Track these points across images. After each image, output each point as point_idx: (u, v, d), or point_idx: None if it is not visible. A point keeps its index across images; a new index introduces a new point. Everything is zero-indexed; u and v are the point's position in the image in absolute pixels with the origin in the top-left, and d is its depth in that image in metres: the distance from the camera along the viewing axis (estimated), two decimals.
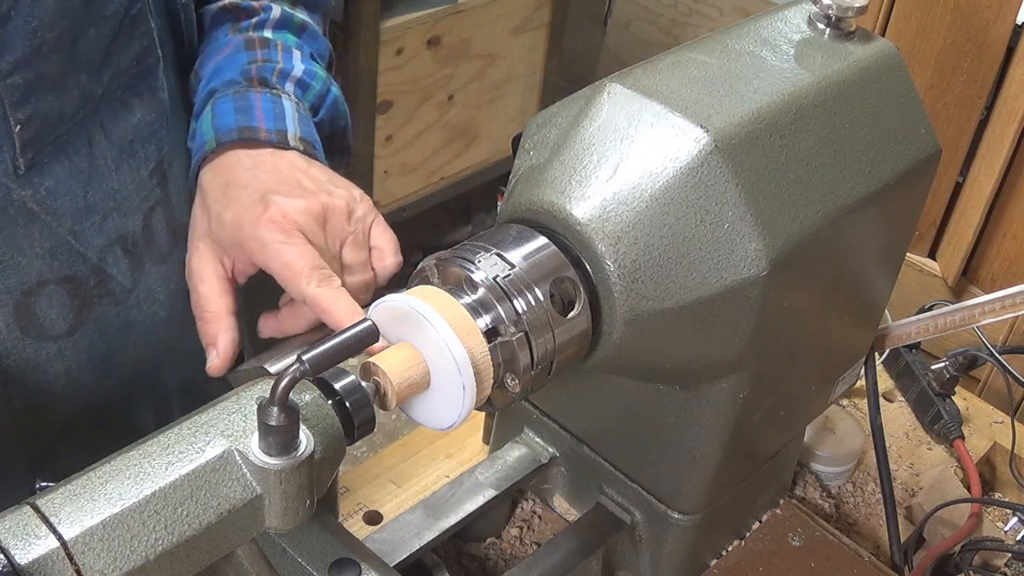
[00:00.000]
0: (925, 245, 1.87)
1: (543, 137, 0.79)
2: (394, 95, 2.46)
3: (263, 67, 0.93)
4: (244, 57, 0.94)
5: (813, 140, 0.77)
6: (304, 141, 0.88)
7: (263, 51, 0.95)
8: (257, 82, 0.91)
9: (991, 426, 1.27)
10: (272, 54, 0.95)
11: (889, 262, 0.93)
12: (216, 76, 0.93)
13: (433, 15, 2.44)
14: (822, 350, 0.92)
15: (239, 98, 0.90)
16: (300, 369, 0.57)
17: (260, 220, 0.79)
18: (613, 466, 0.93)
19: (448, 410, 0.68)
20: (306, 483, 0.61)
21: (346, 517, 1.05)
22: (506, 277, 0.69)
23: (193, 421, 0.63)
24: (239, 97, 0.90)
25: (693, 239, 0.71)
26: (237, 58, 0.94)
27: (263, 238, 0.78)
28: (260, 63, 0.93)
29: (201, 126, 0.89)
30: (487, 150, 2.81)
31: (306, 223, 0.79)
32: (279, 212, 0.79)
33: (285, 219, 0.79)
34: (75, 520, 0.56)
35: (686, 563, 0.93)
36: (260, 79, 0.92)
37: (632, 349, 0.74)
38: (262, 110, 0.89)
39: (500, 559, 1.02)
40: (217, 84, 0.92)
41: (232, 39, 0.97)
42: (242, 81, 0.91)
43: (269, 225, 0.78)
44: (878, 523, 1.11)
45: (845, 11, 0.84)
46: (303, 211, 0.79)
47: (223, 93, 0.90)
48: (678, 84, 0.76)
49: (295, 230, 0.78)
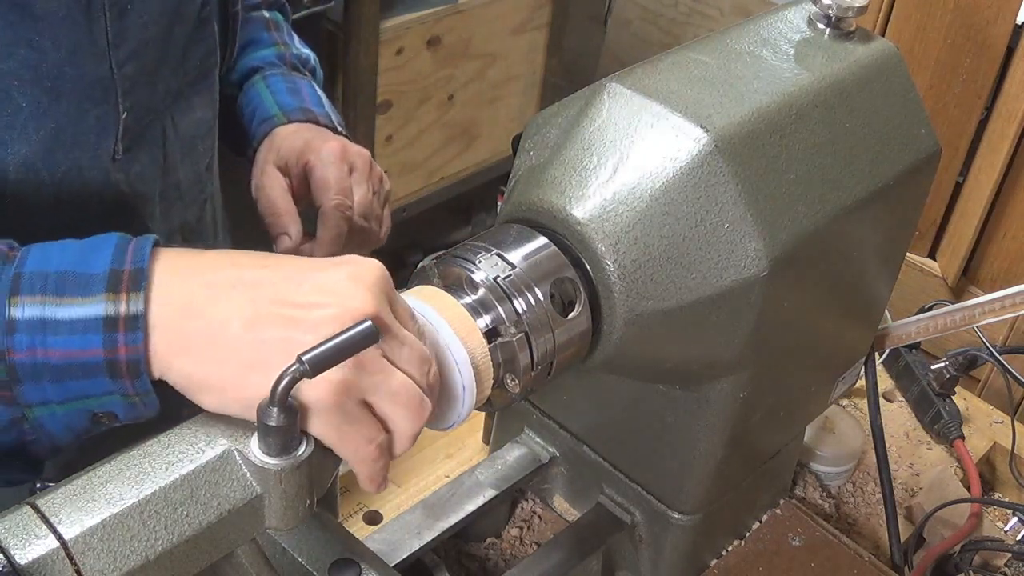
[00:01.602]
0: (925, 245, 1.87)
1: (543, 137, 0.79)
2: (394, 95, 2.45)
3: (290, 53, 1.08)
4: (267, 37, 1.07)
5: (813, 140, 0.77)
6: (342, 126, 1.04)
7: (278, 33, 1.09)
8: (291, 67, 1.06)
9: (991, 426, 1.27)
10: (285, 37, 1.09)
11: (889, 262, 0.93)
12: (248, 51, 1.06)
13: (433, 15, 2.44)
14: (822, 350, 0.92)
15: (288, 80, 1.05)
16: (299, 369, 0.57)
17: (328, 142, 0.98)
18: (613, 466, 0.93)
19: (448, 411, 0.68)
20: (306, 483, 0.61)
21: (346, 517, 1.05)
22: (506, 277, 0.69)
23: (193, 421, 0.63)
24: (288, 79, 1.05)
25: (693, 239, 0.71)
26: (261, 36, 1.08)
27: (323, 154, 0.97)
28: (284, 47, 1.08)
29: (263, 102, 1.03)
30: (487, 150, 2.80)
31: (361, 165, 0.99)
32: (341, 145, 0.98)
33: (345, 151, 0.98)
34: (75, 520, 0.56)
35: (686, 563, 0.93)
36: (292, 65, 1.07)
37: (632, 349, 0.74)
38: (308, 95, 1.05)
39: (500, 559, 1.02)
40: (257, 62, 1.06)
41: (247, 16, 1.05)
42: (281, 64, 1.06)
43: (333, 146, 0.98)
44: (878, 523, 1.11)
45: (845, 11, 0.84)
46: (359, 154, 0.99)
47: (272, 72, 1.05)
48: (678, 84, 0.76)
49: (346, 163, 0.98)
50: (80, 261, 0.60)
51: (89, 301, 0.59)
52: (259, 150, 1.01)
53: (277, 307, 0.59)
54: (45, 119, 0.77)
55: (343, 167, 0.98)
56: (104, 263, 0.60)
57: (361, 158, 1.00)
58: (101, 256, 0.60)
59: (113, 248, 0.61)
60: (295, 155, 0.99)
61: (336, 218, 0.96)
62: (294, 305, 0.59)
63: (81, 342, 0.58)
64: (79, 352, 0.59)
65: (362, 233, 0.99)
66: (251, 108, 1.04)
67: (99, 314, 0.58)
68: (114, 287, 0.59)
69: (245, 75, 1.06)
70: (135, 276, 0.59)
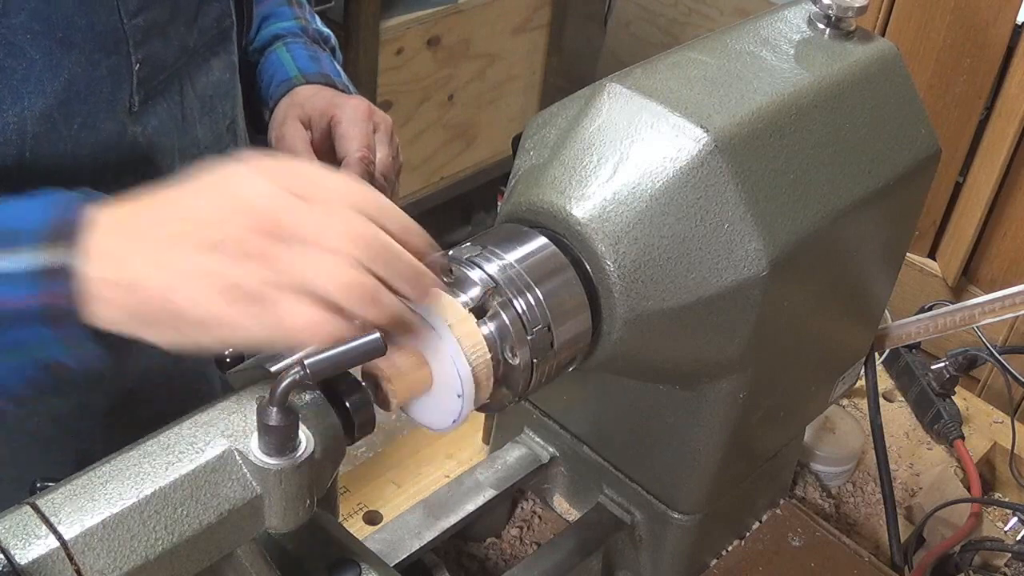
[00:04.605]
0: (925, 245, 1.87)
1: (543, 137, 0.79)
2: (394, 95, 2.45)
3: (311, 28, 1.09)
4: (288, 11, 1.09)
5: (813, 140, 0.77)
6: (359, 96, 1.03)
7: (299, 9, 1.10)
8: (312, 40, 1.07)
9: (991, 426, 1.27)
10: (305, 13, 1.11)
11: (889, 262, 0.93)
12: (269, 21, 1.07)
13: (433, 15, 2.44)
14: (822, 350, 0.92)
15: (309, 49, 1.06)
16: (301, 374, 0.57)
17: (353, 99, 0.99)
18: (613, 466, 0.93)
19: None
20: (306, 483, 0.61)
21: (346, 517, 1.05)
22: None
23: (193, 421, 0.63)
24: (309, 48, 1.06)
25: (693, 239, 0.71)
26: (282, 10, 1.09)
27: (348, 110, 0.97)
28: (304, 21, 1.09)
29: (283, 66, 1.03)
30: (487, 150, 2.80)
31: (384, 127, 0.99)
32: (367, 104, 0.99)
33: (371, 110, 0.99)
34: (75, 520, 0.56)
35: (686, 563, 0.93)
36: (313, 38, 1.08)
37: (632, 349, 0.74)
38: (328, 65, 1.06)
39: (500, 559, 1.02)
40: (280, 31, 1.07)
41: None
42: (303, 35, 1.07)
43: (359, 103, 0.98)
44: (878, 523, 1.11)
45: (845, 11, 0.84)
46: (384, 118, 1.00)
47: (293, 40, 1.06)
48: (678, 84, 0.76)
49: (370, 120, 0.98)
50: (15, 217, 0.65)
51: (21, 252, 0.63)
52: (278, 107, 1.02)
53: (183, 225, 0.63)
54: (59, 70, 0.79)
55: (368, 125, 0.98)
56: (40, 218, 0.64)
57: (385, 122, 1.01)
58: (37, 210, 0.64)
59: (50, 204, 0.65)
60: (319, 111, 0.99)
61: (360, 169, 0.96)
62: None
63: (13, 292, 0.62)
64: (13, 301, 0.63)
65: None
66: (270, 73, 1.05)
67: (32, 265, 0.62)
68: (48, 239, 0.63)
69: (267, 43, 1.07)
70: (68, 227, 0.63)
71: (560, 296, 0.71)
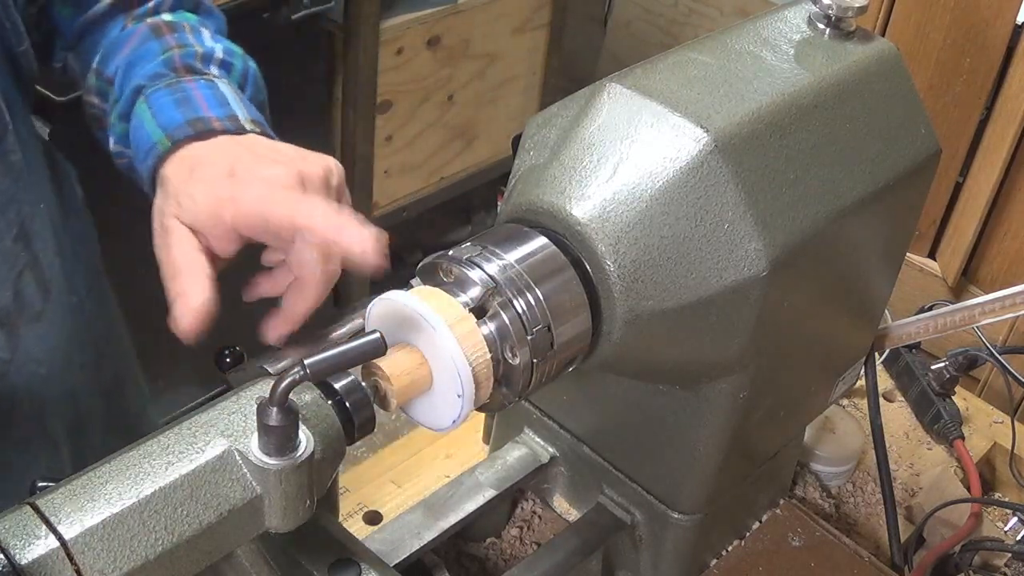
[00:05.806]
0: (925, 245, 1.87)
1: (543, 137, 0.79)
2: (394, 95, 2.45)
3: (184, 53, 0.88)
4: (156, 46, 0.88)
5: (813, 140, 0.77)
6: (255, 122, 0.83)
7: (173, 36, 0.90)
8: (184, 70, 0.86)
9: (991, 426, 1.27)
10: (184, 37, 0.90)
11: (889, 262, 0.93)
12: (133, 71, 0.87)
13: (433, 15, 2.44)
14: (822, 350, 0.92)
15: (175, 90, 0.84)
16: (301, 374, 0.57)
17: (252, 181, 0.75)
18: (613, 466, 0.93)
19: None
20: (306, 483, 0.61)
21: (346, 517, 1.05)
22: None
23: (193, 421, 0.63)
24: (174, 89, 0.84)
25: (693, 239, 0.71)
26: (149, 48, 0.89)
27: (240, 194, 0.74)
28: (178, 49, 0.88)
29: (144, 127, 0.83)
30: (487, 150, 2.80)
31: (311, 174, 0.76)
32: (278, 167, 0.75)
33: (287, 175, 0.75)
34: (75, 520, 0.56)
35: (686, 563, 0.93)
36: (186, 67, 0.86)
37: (632, 349, 0.74)
38: (204, 99, 0.83)
39: (500, 559, 1.02)
40: (141, 80, 0.86)
41: (134, 29, 0.91)
42: (169, 72, 0.86)
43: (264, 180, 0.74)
44: (878, 523, 1.11)
45: (845, 11, 0.84)
46: (283, 178, 0.74)
47: (154, 87, 0.85)
48: (678, 84, 0.76)
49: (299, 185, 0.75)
50: None
51: None
52: (156, 197, 0.80)
53: None
54: None
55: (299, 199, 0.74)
56: None
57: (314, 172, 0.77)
58: None
59: None
60: (205, 213, 0.75)
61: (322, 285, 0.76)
62: None
63: None
64: None
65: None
66: (136, 142, 0.84)
67: None
68: None
69: (131, 103, 0.86)
70: None
71: (560, 296, 0.71)
